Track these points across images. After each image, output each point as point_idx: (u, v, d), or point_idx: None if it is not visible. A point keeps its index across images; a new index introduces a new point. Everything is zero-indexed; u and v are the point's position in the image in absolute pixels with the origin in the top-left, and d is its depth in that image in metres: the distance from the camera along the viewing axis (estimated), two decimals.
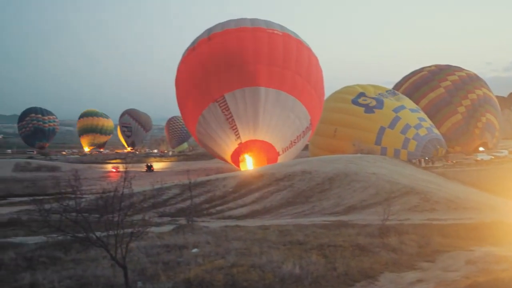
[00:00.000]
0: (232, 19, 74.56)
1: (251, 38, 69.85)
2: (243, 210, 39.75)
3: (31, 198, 56.27)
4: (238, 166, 70.90)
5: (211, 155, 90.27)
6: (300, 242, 20.17)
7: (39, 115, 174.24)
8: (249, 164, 68.46)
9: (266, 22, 73.38)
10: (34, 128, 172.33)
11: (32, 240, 24.10)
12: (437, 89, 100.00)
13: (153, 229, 22.75)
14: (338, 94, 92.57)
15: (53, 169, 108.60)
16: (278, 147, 69.24)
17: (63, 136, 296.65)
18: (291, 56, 69.83)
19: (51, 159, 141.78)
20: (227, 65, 68.91)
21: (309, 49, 73.77)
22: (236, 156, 70.65)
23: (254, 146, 68.79)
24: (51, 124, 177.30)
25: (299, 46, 71.79)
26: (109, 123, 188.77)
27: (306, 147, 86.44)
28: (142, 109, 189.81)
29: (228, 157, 72.61)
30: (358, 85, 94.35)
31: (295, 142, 70.89)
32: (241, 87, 68.23)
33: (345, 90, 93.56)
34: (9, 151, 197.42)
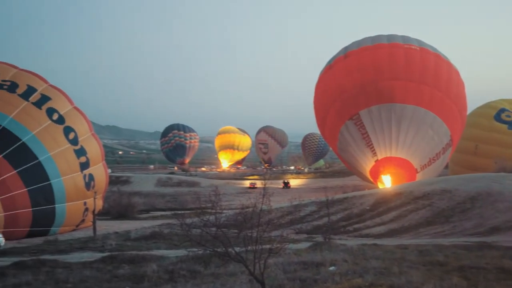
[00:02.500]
0: (368, 37, 73.99)
1: (387, 54, 68.92)
2: (381, 229, 39.15)
3: (172, 212, 58.37)
4: (376, 183, 70.07)
5: (352, 172, 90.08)
6: (441, 263, 19.58)
7: (181, 132, 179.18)
8: (386, 182, 67.42)
9: (403, 37, 72.16)
10: (176, 144, 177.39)
11: (173, 253, 24.86)
12: None
13: (290, 245, 22.82)
14: (480, 109, 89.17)
15: (193, 184, 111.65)
16: (416, 165, 67.66)
17: (202, 152, 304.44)
18: (429, 71, 68.16)
19: (191, 175, 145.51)
20: (362, 82, 68.51)
21: (448, 63, 71.58)
22: (374, 173, 69.88)
23: (391, 164, 67.70)
24: (192, 141, 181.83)
25: (437, 61, 69.90)
26: (246, 139, 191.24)
27: (447, 165, 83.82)
28: (279, 126, 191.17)
29: (367, 174, 72.05)
30: (502, 99, 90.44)
31: (434, 160, 68.96)
32: (376, 104, 67.52)
33: (488, 105, 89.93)
34: (151, 166, 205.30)
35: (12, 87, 44.20)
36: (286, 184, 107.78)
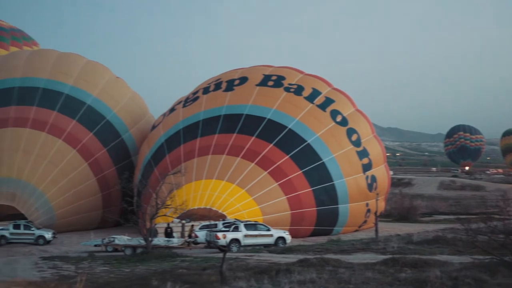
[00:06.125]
0: None
1: None
2: None
3: (456, 216, 56.73)
4: None
5: None
6: None
7: (467, 134, 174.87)
8: None
9: None
10: (461, 146, 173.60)
11: (457, 259, 24.05)
12: None
13: None
14: None
15: (477, 188, 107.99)
16: None
17: (487, 155, 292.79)
18: None
19: (475, 178, 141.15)
20: None
21: None
22: None
23: None
24: (478, 143, 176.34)
25: None
26: None
27: None
28: None
29: None
30: None
31: None
32: None
33: None
34: (434, 169, 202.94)
35: (298, 90, 46.49)
36: None
